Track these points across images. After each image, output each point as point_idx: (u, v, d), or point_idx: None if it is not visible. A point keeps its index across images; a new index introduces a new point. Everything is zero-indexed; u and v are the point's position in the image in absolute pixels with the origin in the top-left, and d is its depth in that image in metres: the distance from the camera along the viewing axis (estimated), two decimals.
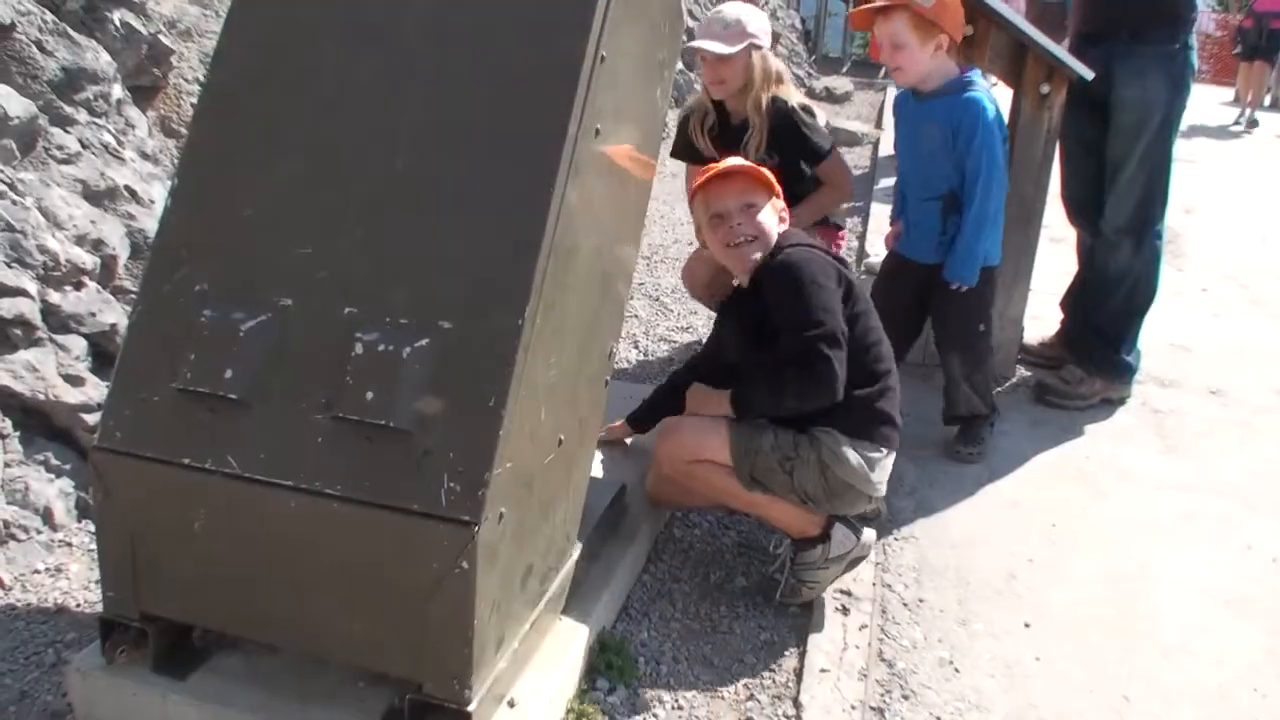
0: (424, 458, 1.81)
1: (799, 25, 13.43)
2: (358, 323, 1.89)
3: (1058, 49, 3.71)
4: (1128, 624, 2.77)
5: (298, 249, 1.99)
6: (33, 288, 2.97)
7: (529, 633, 2.13)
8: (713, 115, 3.75)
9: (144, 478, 1.96)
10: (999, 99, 3.30)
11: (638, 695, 2.33)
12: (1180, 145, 3.98)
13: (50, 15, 3.51)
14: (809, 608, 2.65)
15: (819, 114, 3.80)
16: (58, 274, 3.07)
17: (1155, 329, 4.31)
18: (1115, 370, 4.05)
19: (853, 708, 2.34)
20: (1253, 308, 5.47)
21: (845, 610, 2.65)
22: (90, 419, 2.93)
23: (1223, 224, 7.14)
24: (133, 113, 3.86)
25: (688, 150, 3.87)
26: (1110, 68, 3.74)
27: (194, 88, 4.19)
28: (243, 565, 1.95)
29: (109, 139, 3.62)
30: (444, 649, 1.84)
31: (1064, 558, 3.05)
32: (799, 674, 2.45)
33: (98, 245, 3.27)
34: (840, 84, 10.69)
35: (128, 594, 2.04)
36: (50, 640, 2.42)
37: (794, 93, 3.72)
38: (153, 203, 3.59)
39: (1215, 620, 2.80)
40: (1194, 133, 10.67)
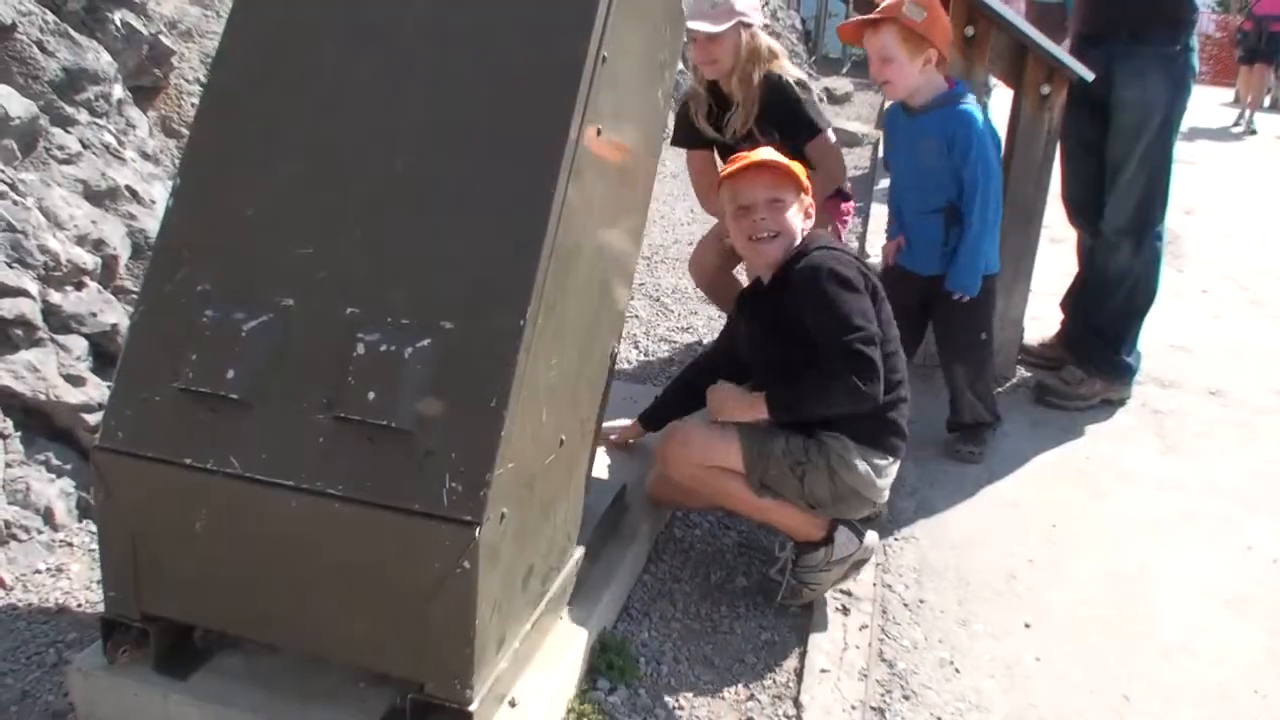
0: (425, 458, 1.81)
1: (799, 25, 13.42)
2: (359, 323, 1.89)
3: (1058, 50, 3.72)
4: (1128, 624, 2.77)
5: (299, 249, 1.99)
6: (34, 288, 2.97)
7: (530, 633, 2.14)
8: (707, 98, 3.70)
9: (145, 478, 1.96)
10: (998, 101, 3.31)
11: (638, 695, 2.34)
12: (1180, 146, 3.99)
13: (51, 15, 3.51)
14: (810, 608, 2.66)
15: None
16: (59, 274, 3.07)
17: (1155, 330, 4.31)
18: (1115, 371, 4.05)
19: (853, 708, 2.34)
20: (1253, 308, 5.47)
21: (846, 610, 2.65)
22: (91, 419, 2.93)
23: (1223, 225, 7.14)
24: (134, 113, 3.86)
25: (689, 137, 3.82)
26: (1111, 69, 3.74)
27: (195, 88, 4.19)
28: (244, 565, 1.95)
29: (110, 139, 3.62)
30: (445, 649, 1.84)
31: (1064, 558, 3.05)
32: (799, 674, 2.45)
33: (99, 245, 3.27)
34: (840, 84, 10.69)
35: (129, 594, 2.04)
36: (51, 640, 2.42)
37: (791, 68, 3.66)
38: (154, 203, 3.59)
39: (1215, 620, 2.81)
40: (1194, 134, 10.67)
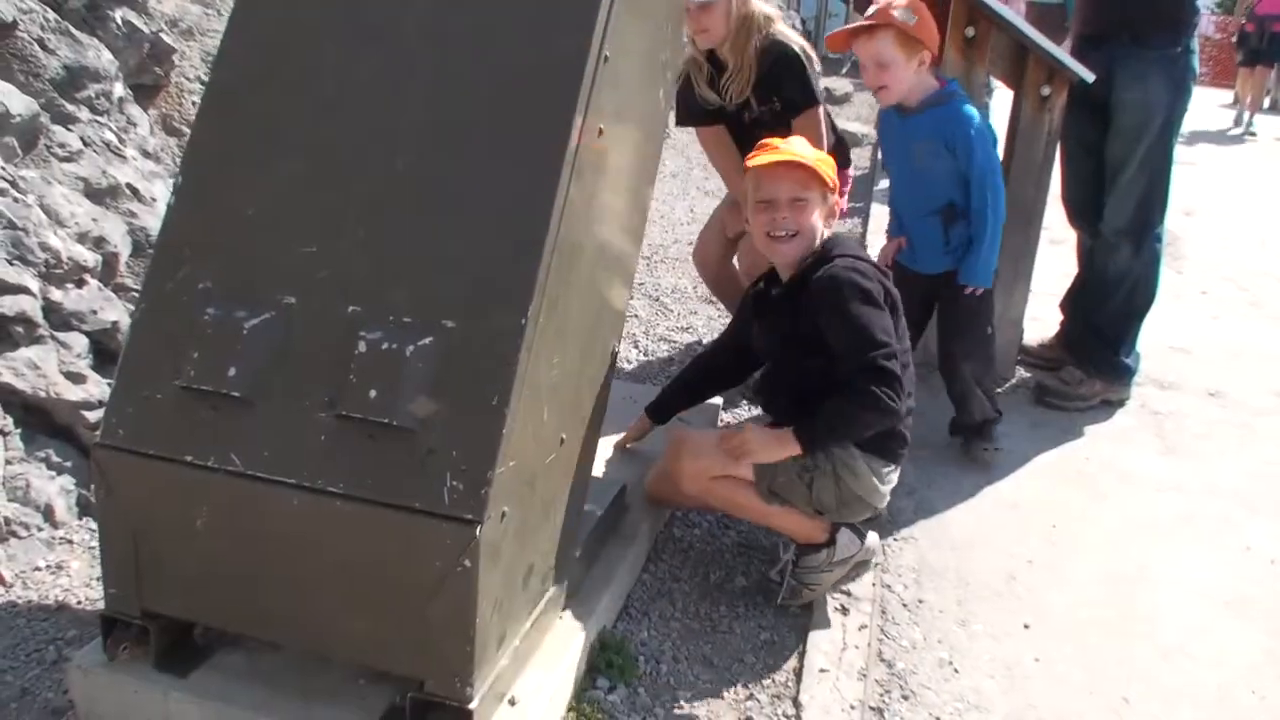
0: (427, 456, 1.81)
1: (799, 26, 13.41)
2: (361, 321, 1.89)
3: (1058, 51, 3.72)
4: (1127, 625, 2.77)
5: (301, 248, 1.99)
6: (34, 285, 2.97)
7: (530, 631, 2.14)
8: (707, 66, 3.65)
9: (146, 475, 1.96)
10: (999, 102, 3.31)
11: (637, 694, 2.34)
12: (1180, 148, 3.99)
13: (52, 13, 3.51)
14: (809, 608, 2.66)
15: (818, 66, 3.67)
16: (59, 271, 3.07)
17: (1155, 331, 4.32)
18: (1115, 372, 4.05)
19: (852, 708, 2.34)
20: (1252, 310, 5.48)
21: (845, 610, 2.66)
22: (91, 416, 2.93)
23: (1222, 226, 7.15)
24: (134, 111, 3.86)
25: (692, 111, 3.77)
26: (1111, 70, 3.74)
27: (195, 86, 4.19)
28: (245, 563, 1.95)
29: (111, 137, 3.62)
30: (446, 647, 1.85)
31: (1064, 559, 3.06)
32: (798, 674, 2.45)
33: (99, 243, 3.27)
34: (840, 85, 10.68)
35: (130, 591, 2.04)
36: (51, 637, 2.42)
37: (794, 35, 3.62)
38: (154, 201, 3.60)
39: (1215, 622, 2.81)
40: (1194, 135, 10.68)
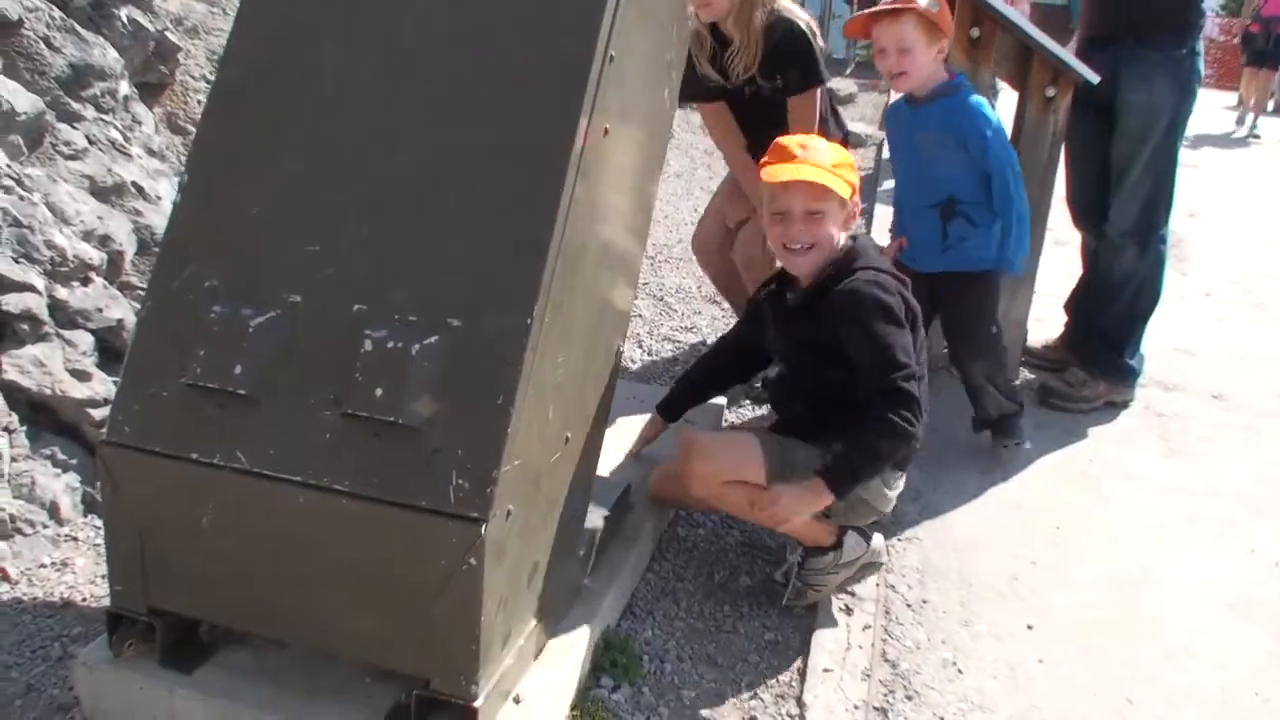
0: (433, 455, 1.81)
1: None
2: (367, 320, 1.89)
3: (1063, 52, 3.71)
4: (1131, 626, 2.77)
5: (307, 246, 1.99)
6: (40, 283, 2.98)
7: (535, 630, 2.14)
8: (710, 41, 3.56)
9: (152, 472, 1.96)
10: (1004, 103, 3.30)
11: (642, 693, 2.34)
12: (1184, 150, 3.99)
13: (58, 11, 3.52)
14: (813, 608, 2.66)
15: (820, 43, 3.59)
16: (65, 269, 3.07)
17: (1159, 333, 4.31)
18: (1119, 373, 4.05)
19: (856, 708, 2.34)
20: (1256, 312, 5.47)
21: (849, 610, 2.66)
22: (97, 414, 2.94)
23: (1227, 229, 7.14)
24: (140, 109, 3.87)
25: (693, 88, 3.59)
26: (1117, 72, 3.74)
27: (201, 85, 4.20)
28: (250, 561, 1.96)
29: (116, 135, 3.63)
30: (451, 645, 1.85)
31: (1067, 560, 3.06)
32: (802, 673, 2.45)
33: (105, 241, 3.28)
34: (844, 85, 10.65)
35: (135, 588, 2.05)
36: (56, 634, 2.42)
37: (799, 11, 3.54)
38: (160, 199, 3.60)
39: (1218, 624, 2.81)
40: (1198, 138, 10.67)
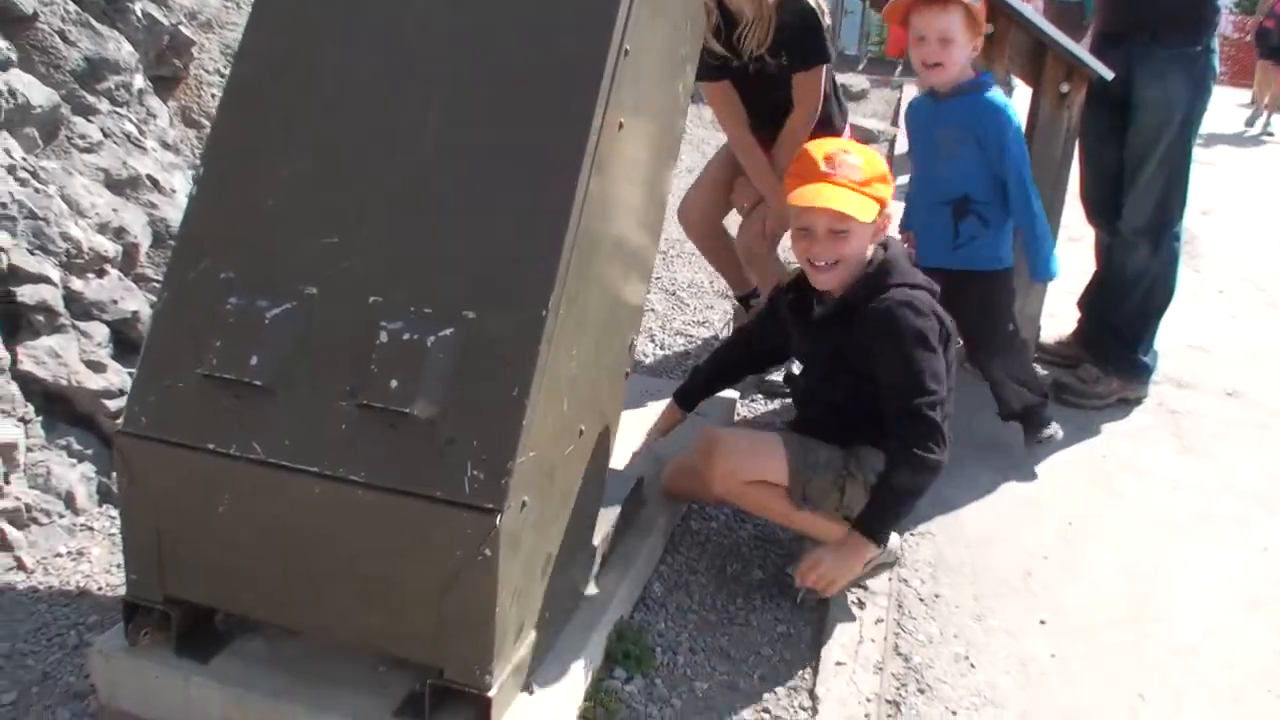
0: (448, 446, 1.82)
1: None
2: (382, 312, 1.90)
3: (1077, 48, 3.71)
4: (1143, 623, 2.77)
5: (322, 239, 2.00)
6: (55, 274, 3.00)
7: (549, 620, 2.15)
8: (715, 14, 3.46)
9: (169, 463, 1.97)
10: (1019, 100, 3.28)
11: (655, 685, 2.34)
12: (1197, 148, 3.97)
13: (73, 5, 3.54)
14: (825, 602, 2.66)
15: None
16: (80, 261, 3.09)
17: (1172, 330, 4.30)
18: (1132, 370, 4.04)
19: (868, 700, 2.34)
20: (1269, 310, 5.45)
21: (861, 604, 2.65)
22: (112, 405, 2.95)
23: (1240, 226, 7.11)
24: (154, 103, 3.89)
25: (700, 68, 3.39)
26: (1131, 68, 3.73)
27: (214, 79, 4.21)
28: (266, 550, 1.97)
29: (131, 128, 3.65)
30: (465, 635, 1.86)
31: (1080, 556, 3.05)
32: (815, 666, 2.45)
33: (120, 233, 3.29)
34: (856, 81, 10.63)
35: (152, 577, 2.06)
36: (73, 623, 2.43)
37: None
38: (174, 192, 3.62)
39: (1231, 621, 2.80)
40: (1211, 136, 10.62)
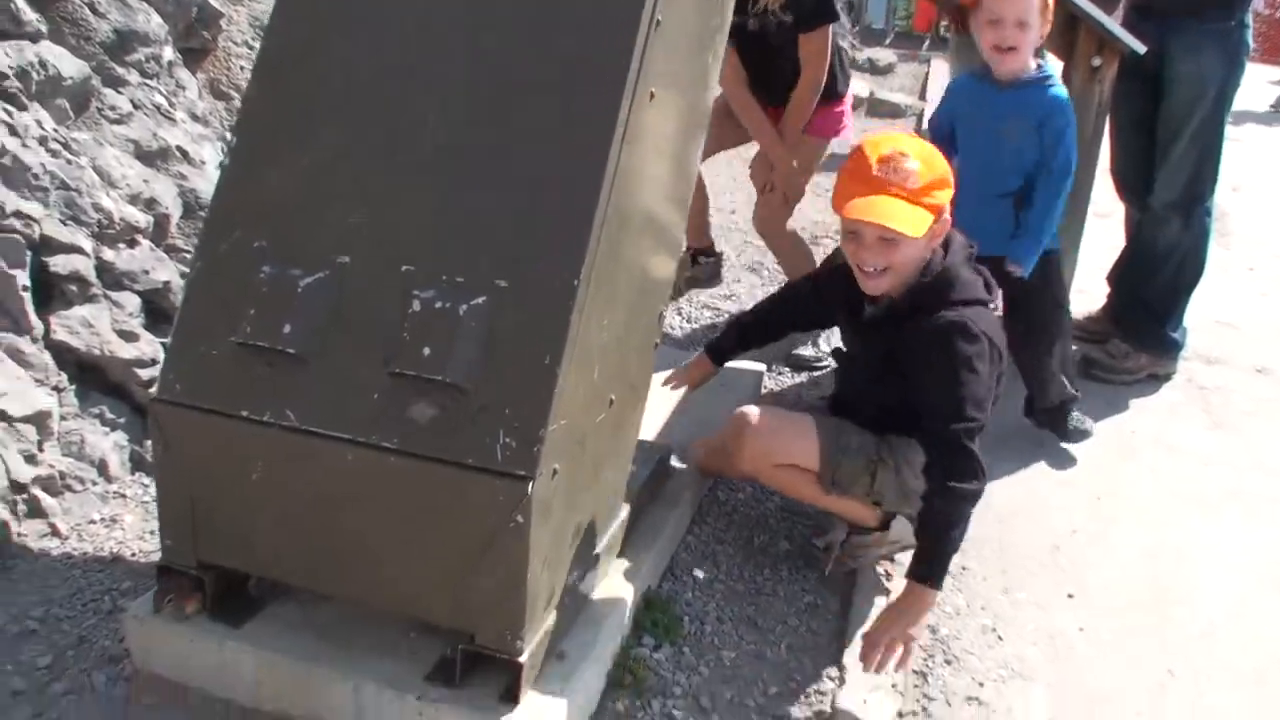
0: (480, 413, 1.83)
1: None
2: (415, 280, 1.91)
3: (1110, 22, 3.66)
4: (1171, 598, 2.76)
5: (354, 208, 2.00)
6: (88, 245, 3.02)
7: (578, 588, 2.16)
8: None
9: (203, 429, 1.99)
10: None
11: (682, 653, 2.36)
12: (1227, 125, 3.93)
13: None
14: (852, 574, 2.67)
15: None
16: (112, 232, 3.11)
17: (1201, 306, 4.26)
18: (1161, 346, 4.02)
19: (895, 670, 2.34)
20: None
21: (888, 576, 2.65)
22: (144, 374, 2.98)
23: (1270, 203, 7.03)
24: (183, 75, 3.89)
25: None
26: (1165, 43, 3.69)
27: (243, 51, 4.22)
28: (299, 517, 1.98)
29: (160, 100, 3.66)
30: (496, 601, 1.87)
31: (1109, 531, 3.04)
32: (842, 637, 2.46)
33: (151, 204, 3.31)
34: (883, 55, 10.55)
35: (185, 543, 2.08)
36: (107, 588, 2.46)
37: None
38: (204, 164, 3.63)
39: (1260, 598, 2.79)
40: (1241, 114, 10.45)
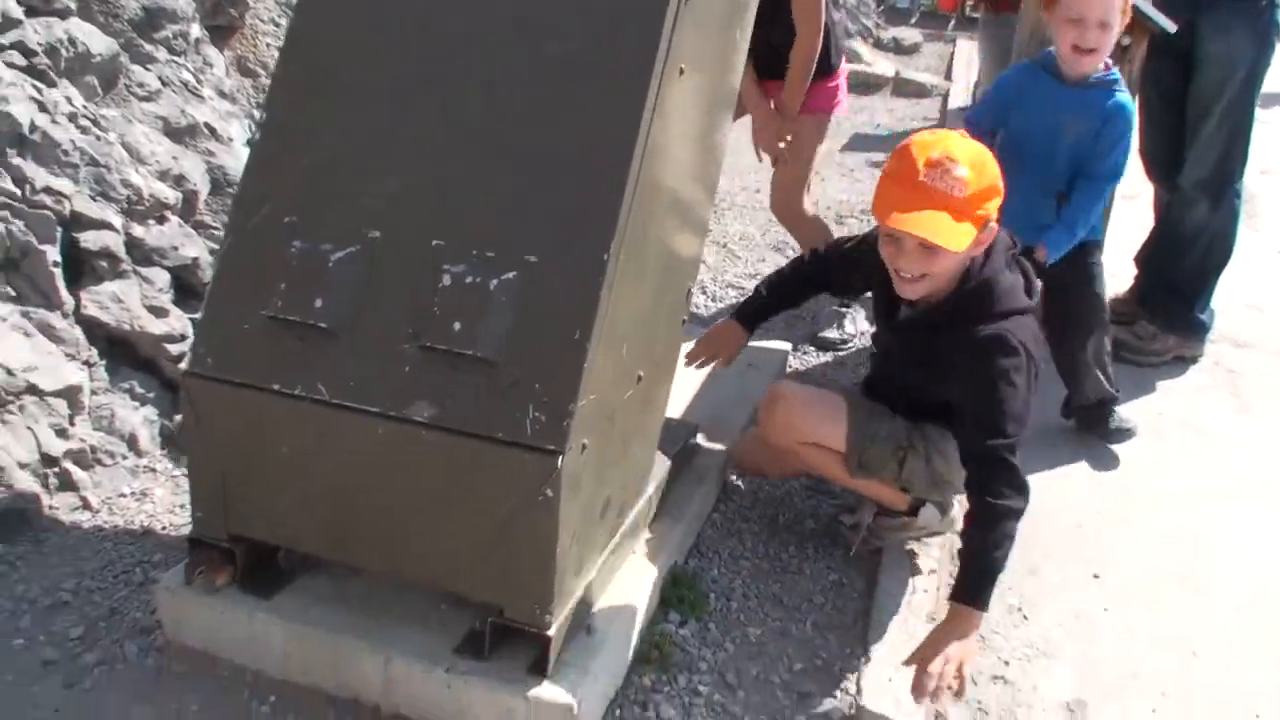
0: (510, 388, 1.84)
1: None
2: (445, 255, 1.91)
3: (1140, 0, 3.63)
4: (1197, 580, 2.75)
5: (385, 183, 2.01)
6: (117, 221, 3.04)
7: (605, 563, 2.17)
8: None
9: (234, 403, 2.01)
10: None
11: (708, 629, 2.37)
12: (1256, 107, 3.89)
13: None
14: (878, 552, 2.67)
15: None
16: (141, 208, 3.13)
17: (1229, 289, 4.22)
18: (1189, 328, 3.99)
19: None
20: None
21: (913, 554, 2.65)
22: (174, 349, 3.00)
23: None
24: (210, 52, 3.90)
25: None
26: (1195, 22, 3.64)
27: (270, 28, 4.23)
28: (329, 490, 2.00)
29: (188, 77, 3.67)
30: (526, 575, 1.88)
31: (1134, 512, 3.03)
32: (867, 615, 2.47)
33: (179, 181, 3.33)
34: (908, 35, 10.46)
35: (216, 515, 2.10)
36: (138, 560, 2.49)
37: None
38: (231, 140, 3.64)
39: None
40: (1269, 94, 10.35)
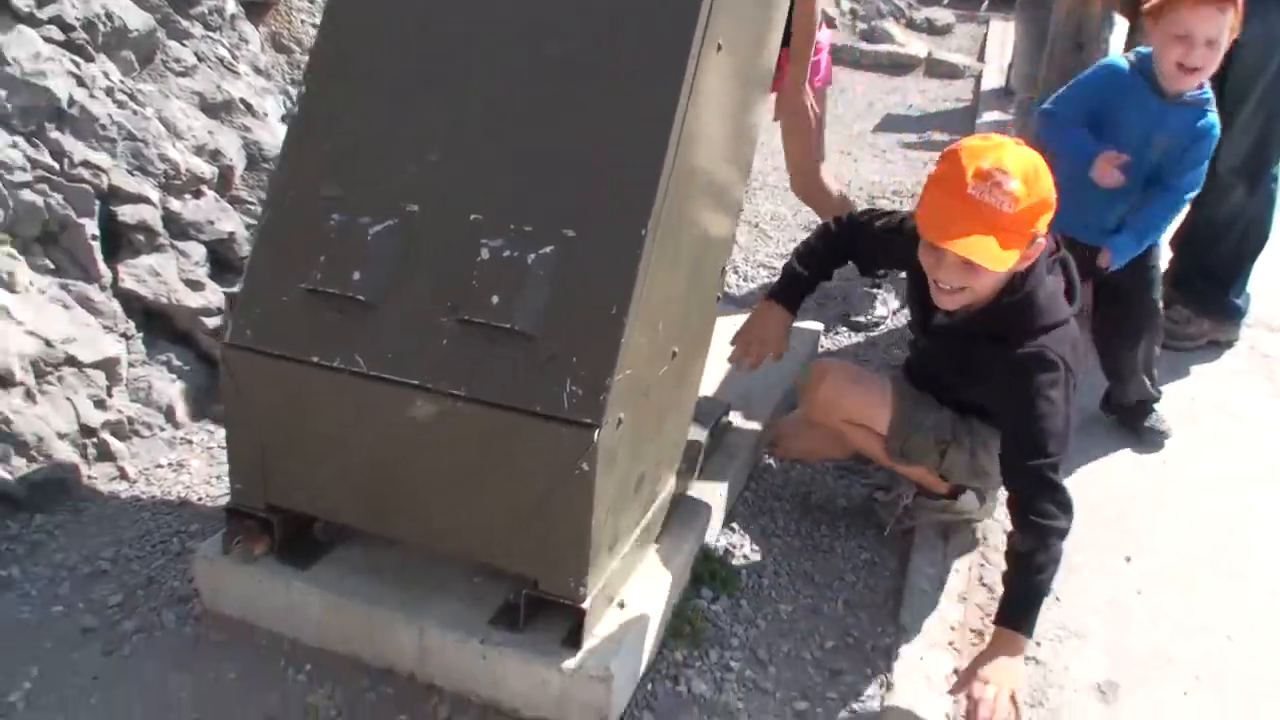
0: (547, 362, 1.84)
1: None
2: (483, 229, 1.92)
3: None
4: (1231, 565, 2.74)
5: (423, 158, 2.02)
6: (154, 195, 3.06)
7: (639, 538, 2.18)
8: None
9: (273, 375, 2.02)
10: (1116, 36, 3.11)
11: (740, 606, 2.38)
12: None
13: None
14: (910, 532, 2.67)
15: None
16: (178, 182, 3.15)
17: (1265, 274, 4.17)
18: (1224, 312, 3.96)
19: (952, 629, 2.35)
20: None
21: (946, 536, 2.65)
22: (210, 322, 3.03)
23: None
24: (246, 28, 3.92)
25: None
26: None
27: (304, 4, 4.23)
28: (367, 462, 2.01)
29: (224, 53, 3.69)
30: (561, 548, 1.90)
31: (1168, 497, 3.02)
32: (899, 594, 2.47)
33: (215, 156, 3.35)
34: (941, 15, 10.36)
35: (254, 486, 2.12)
36: (175, 530, 2.52)
37: None
38: (266, 116, 3.66)
39: None
40: None
